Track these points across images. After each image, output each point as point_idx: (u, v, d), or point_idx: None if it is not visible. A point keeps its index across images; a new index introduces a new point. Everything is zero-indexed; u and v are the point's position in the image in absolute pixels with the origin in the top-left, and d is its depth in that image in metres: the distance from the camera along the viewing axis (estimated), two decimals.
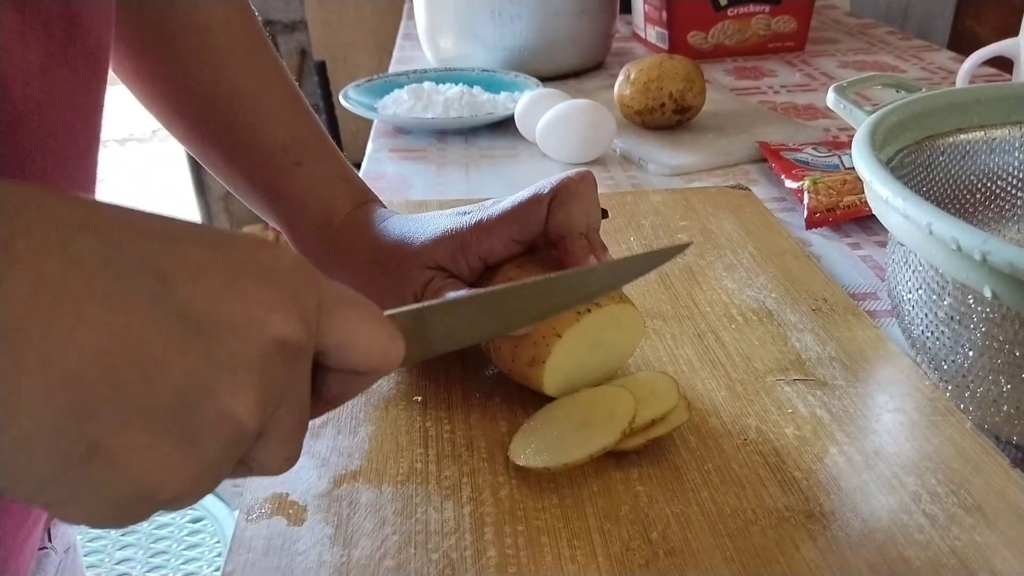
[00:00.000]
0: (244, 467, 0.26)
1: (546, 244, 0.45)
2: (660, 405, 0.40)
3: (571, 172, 0.44)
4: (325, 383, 0.28)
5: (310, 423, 0.28)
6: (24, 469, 0.21)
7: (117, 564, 0.96)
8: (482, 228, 0.43)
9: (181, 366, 0.22)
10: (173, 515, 1.00)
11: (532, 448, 0.39)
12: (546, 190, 0.43)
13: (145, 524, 0.99)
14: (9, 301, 0.19)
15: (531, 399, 0.43)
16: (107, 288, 0.21)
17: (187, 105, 0.50)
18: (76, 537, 0.55)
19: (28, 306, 0.20)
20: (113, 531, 0.98)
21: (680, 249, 0.39)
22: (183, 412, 0.22)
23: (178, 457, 0.22)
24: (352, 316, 0.27)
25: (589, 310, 0.40)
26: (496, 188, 0.77)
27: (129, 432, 0.21)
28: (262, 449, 0.25)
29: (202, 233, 0.24)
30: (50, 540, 0.50)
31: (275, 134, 0.50)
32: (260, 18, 0.52)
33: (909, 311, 0.45)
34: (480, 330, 0.34)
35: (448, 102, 0.93)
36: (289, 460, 0.27)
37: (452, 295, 0.42)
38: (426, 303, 0.32)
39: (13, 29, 0.31)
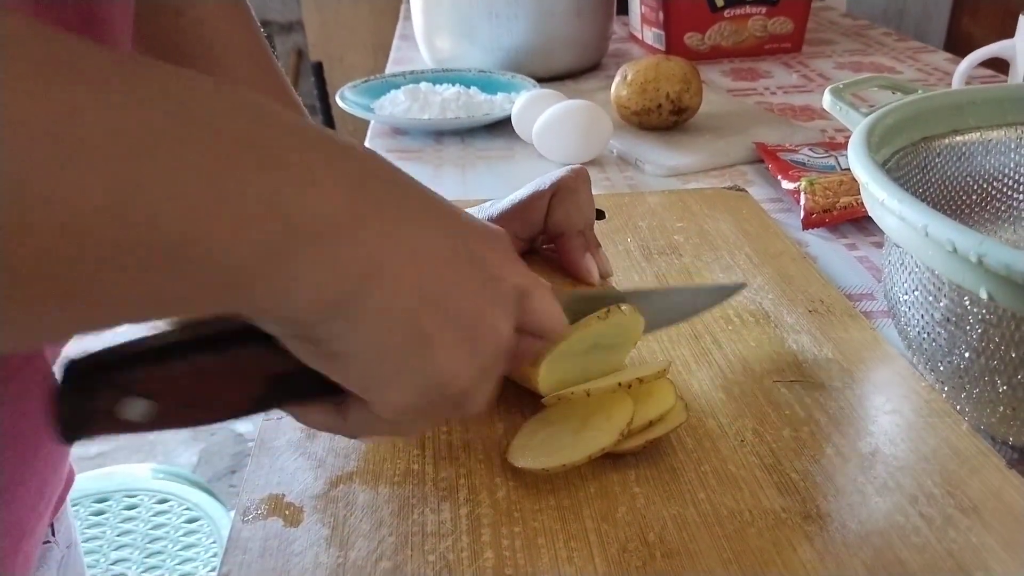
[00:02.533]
0: (459, 407, 0.32)
1: (544, 241, 0.45)
2: (657, 406, 0.40)
3: (567, 169, 0.44)
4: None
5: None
6: (379, 342, 0.27)
7: (113, 564, 0.96)
8: None
9: (477, 291, 0.29)
10: (169, 515, 1.00)
11: (530, 450, 0.39)
12: (546, 186, 0.43)
13: (141, 524, 0.98)
14: (380, 215, 0.26)
15: (528, 401, 0.43)
16: (429, 223, 0.29)
17: None
18: (77, 534, 0.56)
19: (388, 216, 0.27)
20: (109, 532, 0.98)
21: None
22: (474, 323, 0.29)
23: (467, 357, 0.29)
24: (544, 285, 0.34)
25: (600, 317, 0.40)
26: (493, 189, 0.77)
27: (446, 331, 0.28)
28: (478, 387, 0.31)
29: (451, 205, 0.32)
30: (53, 535, 0.50)
31: None
32: (256, 19, 0.52)
33: (905, 312, 0.45)
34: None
35: (445, 103, 0.93)
36: (489, 402, 0.33)
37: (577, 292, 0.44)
38: (578, 291, 0.42)
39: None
